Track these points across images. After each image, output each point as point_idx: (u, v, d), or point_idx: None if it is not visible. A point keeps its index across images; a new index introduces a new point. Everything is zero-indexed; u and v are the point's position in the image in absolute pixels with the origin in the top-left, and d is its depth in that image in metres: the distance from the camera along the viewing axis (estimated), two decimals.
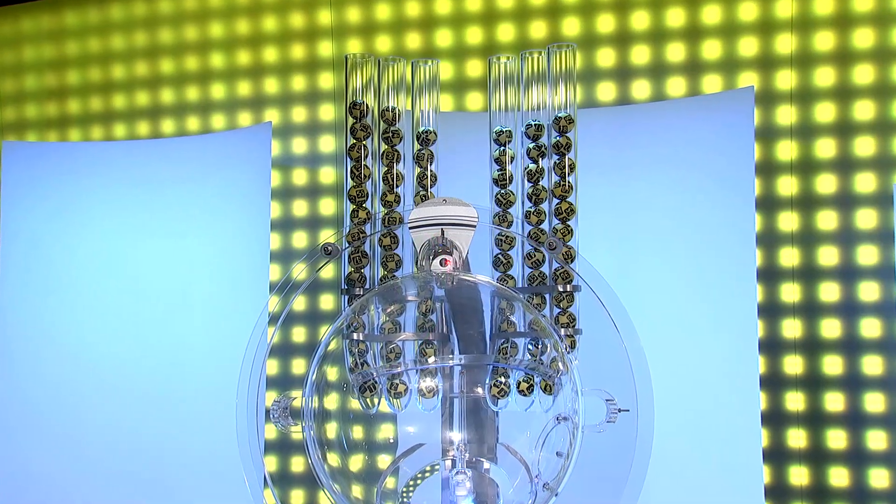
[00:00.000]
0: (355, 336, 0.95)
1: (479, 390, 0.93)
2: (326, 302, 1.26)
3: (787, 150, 1.20)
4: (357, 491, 0.92)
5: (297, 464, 1.21)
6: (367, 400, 0.95)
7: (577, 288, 0.94)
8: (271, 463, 1.20)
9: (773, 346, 1.20)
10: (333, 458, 0.95)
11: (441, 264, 0.90)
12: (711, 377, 1.17)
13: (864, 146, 1.18)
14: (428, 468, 0.95)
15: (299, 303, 1.25)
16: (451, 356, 0.95)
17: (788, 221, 1.21)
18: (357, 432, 0.99)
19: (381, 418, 0.99)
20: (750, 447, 1.14)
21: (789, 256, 1.20)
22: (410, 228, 0.93)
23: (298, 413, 0.93)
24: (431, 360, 0.94)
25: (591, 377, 0.90)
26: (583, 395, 0.88)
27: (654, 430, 0.89)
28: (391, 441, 0.99)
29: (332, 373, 0.96)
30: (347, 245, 0.97)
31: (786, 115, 1.20)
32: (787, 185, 1.20)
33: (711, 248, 1.18)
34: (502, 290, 0.94)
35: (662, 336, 1.15)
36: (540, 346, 0.92)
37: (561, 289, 0.94)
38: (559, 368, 0.91)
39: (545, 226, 0.96)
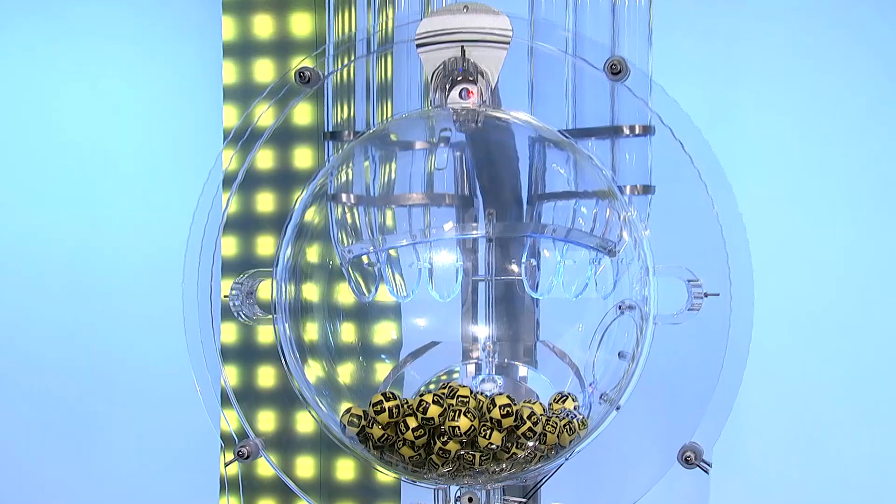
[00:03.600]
0: (343, 199, 0.97)
1: (514, 270, 0.96)
2: (302, 156, 1.27)
3: None
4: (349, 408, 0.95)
5: (266, 375, 1.25)
6: (361, 284, 0.98)
7: (651, 129, 0.95)
8: (232, 375, 1.24)
9: None
10: (317, 366, 0.99)
11: (462, 96, 0.91)
12: (835, 255, 1.20)
13: None
14: (444, 374, 0.99)
15: (264, 157, 1.26)
16: (474, 224, 0.96)
17: None
18: (347, 331, 1.03)
19: (381, 310, 1.03)
20: (884, 350, 1.18)
21: None
22: (419, 47, 0.93)
23: (267, 307, 0.97)
24: (448, 228, 0.95)
25: (668, 251, 0.91)
26: (655, 275, 0.90)
27: (752, 324, 0.90)
28: (394, 340, 1.02)
29: (311, 251, 0.99)
30: (332, 71, 0.98)
31: None
32: None
33: (838, 82, 1.19)
34: (546, 133, 0.94)
35: (768, 198, 1.19)
36: (597, 210, 0.94)
37: (627, 130, 0.94)
38: (623, 239, 0.93)
39: (606, 44, 0.96)
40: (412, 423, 0.86)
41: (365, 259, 0.98)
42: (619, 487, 0.96)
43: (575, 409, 0.92)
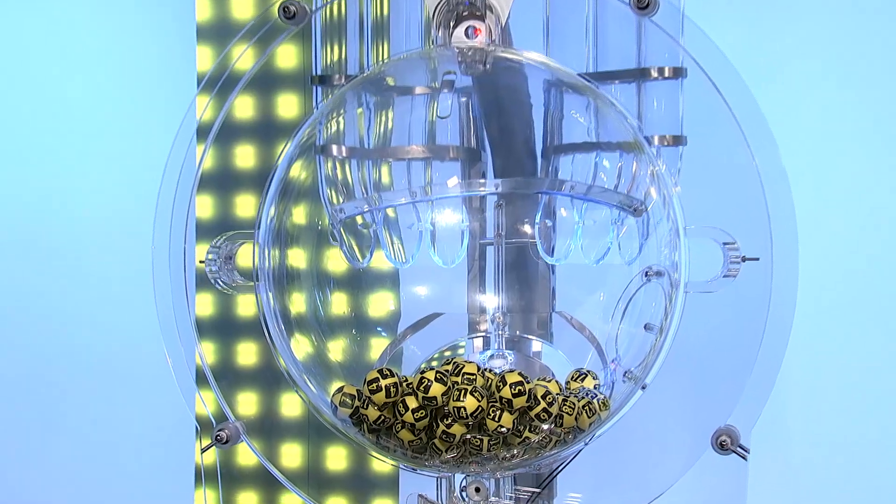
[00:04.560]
0: (333, 151, 0.97)
1: (527, 231, 0.96)
2: (287, 103, 1.27)
3: None
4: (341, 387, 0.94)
5: (247, 352, 1.26)
6: (355, 248, 0.98)
7: (683, 72, 0.95)
8: (209, 351, 1.25)
9: None
10: (305, 341, 0.99)
11: (468, 35, 0.91)
12: (888, 215, 1.20)
13: None
14: (447, 350, 1.00)
15: (244, 106, 1.25)
16: (482, 180, 0.97)
17: None
18: (339, 301, 1.03)
19: (376, 278, 1.03)
20: None
21: None
22: None
23: (248, 274, 0.97)
24: (453, 185, 0.95)
25: (701, 210, 0.91)
26: (687, 237, 0.90)
27: (796, 292, 0.90)
28: (392, 311, 1.03)
29: (298, 211, 0.99)
30: (321, 5, 0.97)
31: None
32: None
33: (889, 21, 1.20)
34: (564, 76, 0.94)
35: (815, 150, 1.19)
36: (622, 163, 0.94)
37: (656, 73, 0.94)
38: (650, 197, 0.93)
39: None
40: (412, 403, 0.87)
41: (359, 220, 0.98)
42: (645, 476, 0.97)
43: (595, 388, 0.93)
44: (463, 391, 0.85)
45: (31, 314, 1.42)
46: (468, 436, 0.87)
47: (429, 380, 0.86)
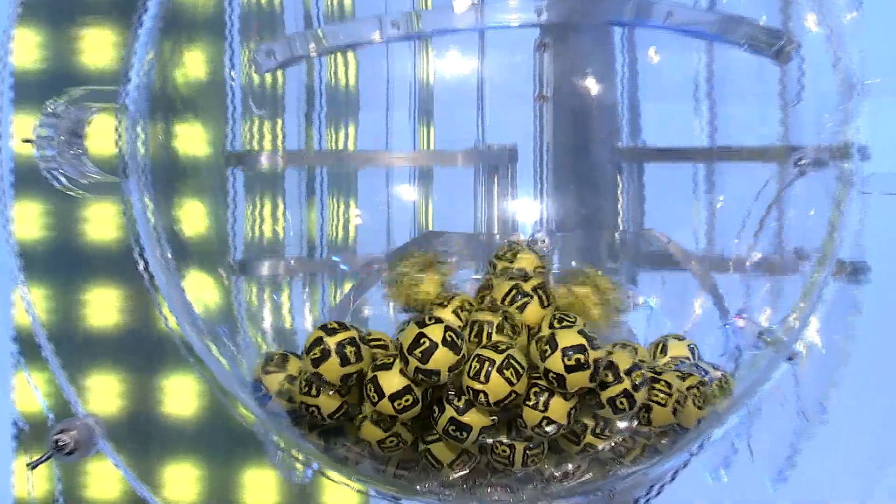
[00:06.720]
0: None
1: (591, 89, 0.90)
2: None
3: None
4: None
5: (104, 302, 1.23)
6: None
7: None
8: (40, 300, 1.20)
9: None
10: (207, 282, 0.95)
11: None
12: None
13: None
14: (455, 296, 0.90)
15: None
16: (511, 2, 0.90)
17: None
18: (268, 213, 0.98)
19: (332, 174, 0.98)
20: None
21: None
22: None
23: (108, 164, 0.91)
24: (462, 9, 0.90)
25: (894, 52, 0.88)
26: (869, 98, 0.92)
27: None
28: (380, 208, 0.95)
29: (193, 57, 0.94)
30: None
31: None
32: None
33: None
34: None
35: None
36: None
37: None
38: (805, 29, 0.93)
39: None
40: (392, 380, 0.74)
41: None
42: None
43: (694, 359, 0.83)
44: (486, 364, 0.73)
45: None
46: (489, 440, 0.75)
47: (429, 341, 0.73)
